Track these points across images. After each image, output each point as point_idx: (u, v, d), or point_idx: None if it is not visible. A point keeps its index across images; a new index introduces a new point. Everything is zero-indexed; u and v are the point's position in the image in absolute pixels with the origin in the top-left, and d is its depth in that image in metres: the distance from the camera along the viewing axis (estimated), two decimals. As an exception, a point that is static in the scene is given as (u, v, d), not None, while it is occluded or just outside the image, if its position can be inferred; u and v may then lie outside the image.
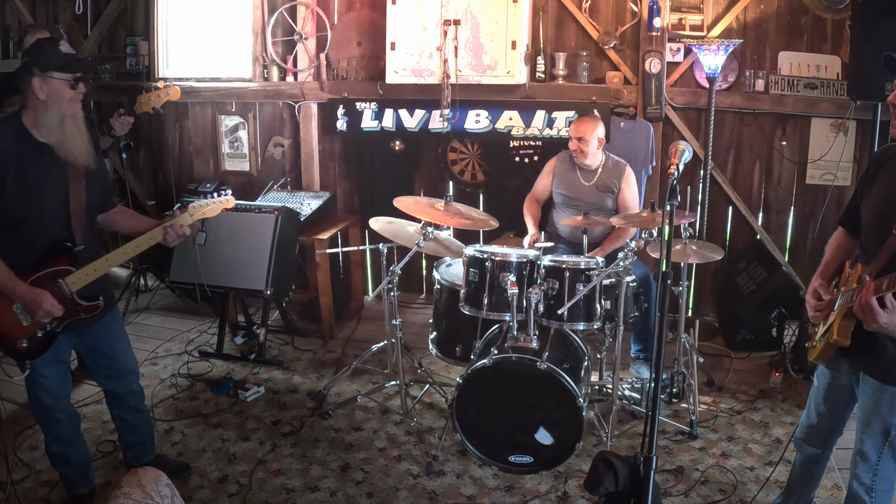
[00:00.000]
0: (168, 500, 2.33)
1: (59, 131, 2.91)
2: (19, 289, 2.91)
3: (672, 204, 2.41)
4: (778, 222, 5.42)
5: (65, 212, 3.01)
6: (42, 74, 2.85)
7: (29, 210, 2.91)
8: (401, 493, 3.63)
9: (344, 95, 5.62)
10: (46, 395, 3.20)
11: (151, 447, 3.68)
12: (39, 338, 3.04)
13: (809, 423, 2.99)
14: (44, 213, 2.96)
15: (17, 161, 2.86)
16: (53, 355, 3.12)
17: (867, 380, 2.64)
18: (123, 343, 3.45)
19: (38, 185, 2.92)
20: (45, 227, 2.98)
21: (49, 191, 2.95)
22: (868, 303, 2.33)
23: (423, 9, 5.08)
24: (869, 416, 2.66)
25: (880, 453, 2.65)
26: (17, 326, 3.00)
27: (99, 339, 3.31)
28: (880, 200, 2.58)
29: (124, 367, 3.45)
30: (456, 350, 4.23)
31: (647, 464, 2.13)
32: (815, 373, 2.92)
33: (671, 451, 3.93)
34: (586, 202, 4.67)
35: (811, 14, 5.02)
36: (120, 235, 3.58)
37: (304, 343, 5.25)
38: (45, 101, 2.87)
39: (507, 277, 3.79)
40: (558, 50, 5.35)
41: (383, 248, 4.48)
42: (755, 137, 5.29)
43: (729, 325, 5.24)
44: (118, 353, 3.40)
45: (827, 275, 2.78)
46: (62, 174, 2.97)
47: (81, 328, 3.18)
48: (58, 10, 6.22)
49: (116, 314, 3.42)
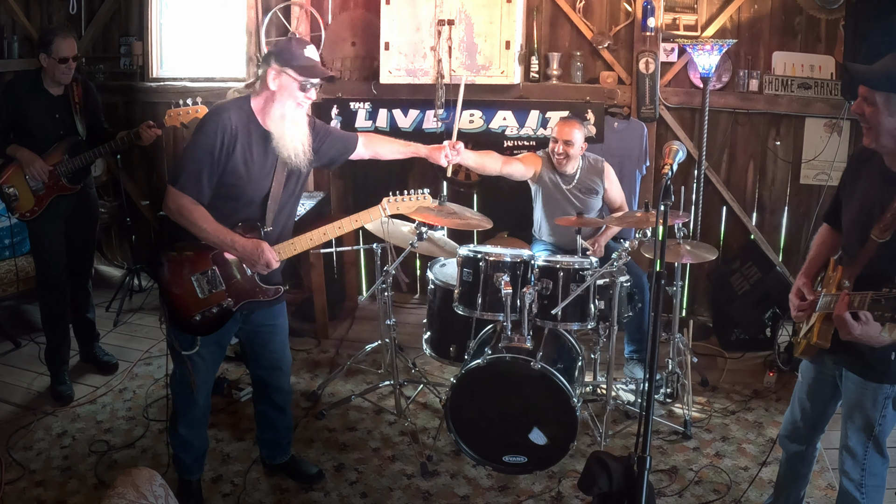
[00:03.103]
0: (162, 499, 2.33)
1: (279, 125, 3.06)
2: (238, 241, 3.05)
3: (666, 204, 2.42)
4: (772, 222, 5.42)
5: (265, 195, 3.12)
6: (279, 67, 3.00)
7: (238, 184, 3.06)
8: (395, 493, 3.63)
9: (338, 95, 5.61)
10: (197, 374, 3.26)
11: (287, 449, 3.72)
12: (214, 314, 3.14)
13: (793, 419, 3.02)
14: (247, 189, 3.09)
15: (244, 138, 3.03)
16: (217, 336, 3.20)
17: (850, 376, 2.66)
18: (284, 337, 3.50)
19: (252, 165, 3.07)
20: (245, 203, 3.11)
21: (258, 173, 3.09)
22: (841, 316, 2.35)
23: (417, 9, 5.07)
24: (852, 412, 2.69)
25: (866, 448, 2.69)
26: (194, 298, 3.11)
27: (261, 326, 3.37)
28: (859, 204, 2.60)
29: (279, 362, 3.50)
30: (450, 350, 4.23)
31: (641, 464, 2.13)
32: (800, 367, 2.94)
33: (665, 451, 3.94)
34: (570, 204, 4.62)
35: (805, 14, 5.03)
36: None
37: (298, 343, 5.24)
38: (273, 93, 3.04)
39: (501, 277, 3.78)
40: (552, 50, 5.35)
41: (377, 248, 4.48)
42: (749, 137, 5.30)
43: (723, 325, 5.25)
44: (276, 345, 3.46)
45: (811, 272, 2.80)
46: (273, 162, 3.12)
47: (249, 313, 3.26)
48: (52, 9, 6.20)
49: (283, 307, 3.46)
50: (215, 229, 3.02)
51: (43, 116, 4.21)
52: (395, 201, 3.39)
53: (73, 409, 4.31)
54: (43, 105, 4.21)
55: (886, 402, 2.62)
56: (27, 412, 4.26)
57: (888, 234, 2.42)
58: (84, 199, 4.48)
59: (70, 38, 4.15)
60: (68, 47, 4.11)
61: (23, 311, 5.52)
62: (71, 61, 4.15)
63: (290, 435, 3.73)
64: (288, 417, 3.66)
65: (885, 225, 2.42)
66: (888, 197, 2.45)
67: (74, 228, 4.47)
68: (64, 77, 4.18)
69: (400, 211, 3.41)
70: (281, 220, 3.22)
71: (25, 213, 4.27)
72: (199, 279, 3.11)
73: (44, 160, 4.18)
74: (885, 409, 2.63)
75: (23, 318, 5.43)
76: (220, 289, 3.13)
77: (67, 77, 4.20)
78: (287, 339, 3.55)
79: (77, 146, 4.29)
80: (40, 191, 4.24)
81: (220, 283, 3.13)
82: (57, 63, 4.11)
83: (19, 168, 4.18)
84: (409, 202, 3.41)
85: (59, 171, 4.25)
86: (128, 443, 3.96)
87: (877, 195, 2.51)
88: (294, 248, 3.20)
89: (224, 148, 2.98)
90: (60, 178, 4.27)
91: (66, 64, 4.13)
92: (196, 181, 2.99)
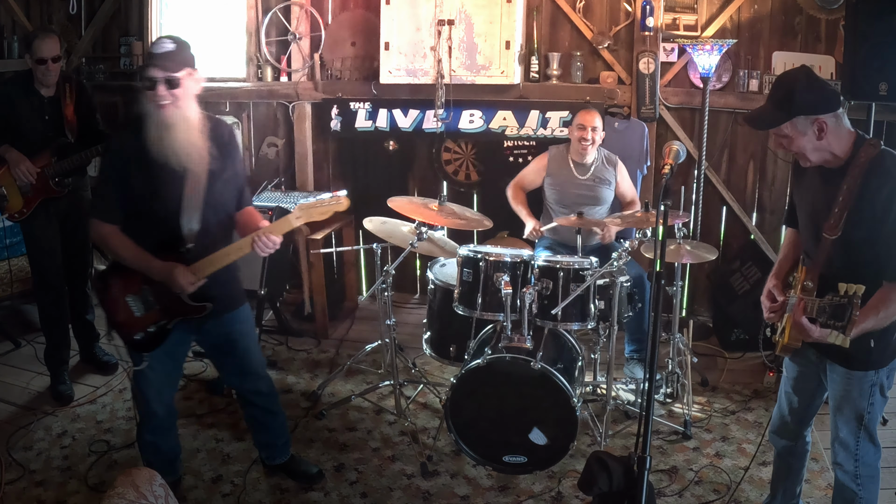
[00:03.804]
0: (162, 499, 2.33)
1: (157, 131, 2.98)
2: (154, 266, 3.00)
3: (666, 204, 2.42)
4: (772, 222, 5.41)
5: (176, 210, 3.05)
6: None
7: (146, 202, 3.03)
8: (395, 493, 3.63)
9: (338, 95, 5.61)
10: (149, 386, 3.25)
11: (285, 449, 3.69)
12: (152, 332, 3.11)
13: (781, 415, 3.05)
14: (156, 206, 3.04)
15: (139, 153, 2.94)
16: (165, 349, 3.16)
17: (835, 367, 2.69)
18: (248, 343, 3.42)
19: (153, 180, 3.00)
20: (158, 221, 3.05)
21: (162, 188, 3.02)
22: (798, 322, 2.42)
23: (417, 9, 5.07)
24: (841, 403, 2.72)
25: (857, 438, 2.71)
26: (132, 318, 3.08)
27: (219, 337, 3.32)
28: (808, 205, 2.68)
29: (249, 368, 3.44)
30: (450, 350, 4.23)
31: (641, 464, 2.14)
32: (784, 363, 2.97)
33: (665, 452, 3.94)
34: (583, 197, 4.68)
35: (805, 14, 5.02)
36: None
37: (298, 343, 5.25)
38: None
39: (501, 277, 3.78)
40: (552, 50, 5.35)
41: (377, 248, 4.48)
42: (749, 137, 5.30)
43: (723, 325, 5.25)
44: (241, 352, 3.39)
45: (781, 273, 2.85)
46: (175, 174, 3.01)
47: (198, 326, 3.21)
48: (52, 9, 6.19)
49: (240, 315, 3.37)
50: (133, 256, 3.02)
51: (32, 118, 4.16)
52: (307, 208, 3.05)
53: (73, 409, 4.31)
54: (33, 106, 4.16)
55: (873, 389, 2.65)
56: (27, 412, 4.26)
57: (838, 230, 2.48)
58: (77, 201, 4.42)
59: (48, 38, 4.06)
60: (47, 48, 4.03)
61: (23, 312, 5.51)
62: (51, 62, 4.06)
63: (286, 435, 3.70)
64: (279, 418, 3.63)
65: (833, 222, 2.49)
66: (831, 194, 2.50)
67: (70, 231, 4.44)
68: (45, 78, 4.12)
69: (314, 218, 3.08)
70: (208, 233, 3.11)
71: (14, 213, 4.24)
72: (134, 299, 3.08)
73: (33, 162, 4.12)
74: (872, 396, 2.66)
75: (23, 319, 5.43)
76: (153, 308, 3.10)
77: (49, 78, 4.13)
78: (252, 344, 3.48)
79: (65, 148, 4.22)
80: (28, 192, 4.19)
81: (152, 302, 3.10)
82: (36, 64, 4.05)
83: (9, 169, 4.13)
84: (324, 207, 3.06)
85: (47, 174, 4.18)
86: (128, 443, 3.96)
87: (821, 194, 2.57)
88: (212, 265, 3.05)
89: (124, 166, 2.97)
90: (48, 180, 4.20)
91: (45, 65, 4.06)
92: (107, 206, 3.03)
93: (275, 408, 3.60)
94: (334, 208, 3.07)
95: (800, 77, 2.51)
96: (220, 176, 3.10)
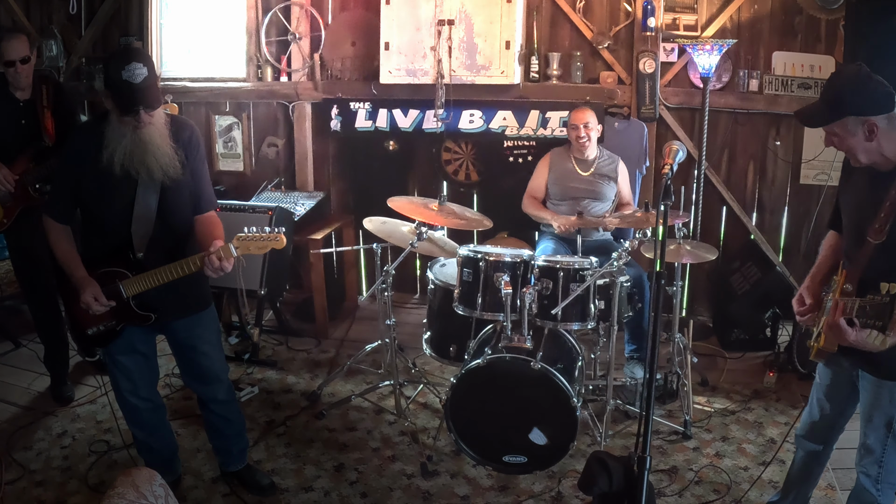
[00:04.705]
0: (162, 500, 2.33)
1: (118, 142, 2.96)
2: (75, 274, 3.01)
3: (666, 204, 2.42)
4: (772, 222, 5.42)
5: (127, 219, 3.04)
6: (104, 89, 2.85)
7: (95, 207, 3.04)
8: (395, 493, 3.63)
9: (338, 95, 5.61)
10: (124, 380, 3.27)
11: (241, 457, 3.64)
12: (102, 331, 3.14)
13: (811, 420, 3.01)
14: (105, 213, 3.05)
15: (93, 157, 2.92)
16: (127, 345, 3.19)
17: (866, 376, 2.67)
18: (209, 348, 3.36)
19: (105, 186, 2.99)
20: (109, 229, 3.06)
21: (113, 194, 3.02)
22: (836, 323, 2.38)
23: (417, 9, 5.08)
24: (870, 411, 2.69)
25: (884, 445, 2.69)
26: (86, 315, 3.08)
27: (180, 338, 3.32)
28: (854, 208, 2.64)
29: (206, 373, 3.40)
30: (450, 350, 4.23)
31: (641, 464, 2.14)
32: (817, 368, 2.94)
33: (665, 451, 3.93)
34: (585, 192, 4.70)
35: (805, 14, 5.03)
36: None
37: (298, 343, 5.25)
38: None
39: (501, 277, 3.78)
40: (552, 50, 5.35)
41: (377, 248, 4.48)
42: (749, 137, 5.30)
43: (723, 325, 5.25)
44: (200, 356, 3.35)
45: (819, 275, 2.82)
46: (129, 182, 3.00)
47: (161, 325, 3.22)
48: (52, 9, 6.19)
49: (204, 319, 3.32)
50: (63, 257, 3.02)
51: (7, 123, 4.01)
52: (245, 240, 3.03)
53: (73, 409, 4.31)
54: (8, 111, 4.01)
55: None
56: (27, 412, 4.26)
57: (883, 234, 2.44)
58: None
59: (15, 39, 3.91)
60: (13, 50, 3.88)
61: (23, 312, 5.50)
62: (19, 64, 3.91)
63: (244, 443, 3.64)
64: (235, 425, 3.56)
65: (879, 226, 2.45)
66: (879, 197, 2.47)
67: None
68: (16, 81, 3.97)
69: (251, 251, 3.05)
70: (160, 243, 3.07)
71: None
72: None
73: (10, 169, 3.95)
74: None
75: (23, 319, 5.41)
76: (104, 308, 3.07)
77: (19, 80, 3.97)
78: (213, 350, 3.39)
79: (43, 153, 4.06)
80: (7, 201, 4.02)
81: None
82: (5, 67, 3.91)
83: None
84: (261, 242, 3.04)
85: (25, 181, 4.02)
86: (128, 443, 3.94)
87: (868, 197, 2.54)
88: (155, 279, 3.01)
89: (78, 167, 2.96)
90: (28, 187, 4.04)
91: (14, 68, 3.91)
92: (57, 205, 3.05)
93: (231, 415, 3.53)
94: (271, 245, 3.06)
95: (852, 76, 2.48)
96: (175, 182, 3.03)
